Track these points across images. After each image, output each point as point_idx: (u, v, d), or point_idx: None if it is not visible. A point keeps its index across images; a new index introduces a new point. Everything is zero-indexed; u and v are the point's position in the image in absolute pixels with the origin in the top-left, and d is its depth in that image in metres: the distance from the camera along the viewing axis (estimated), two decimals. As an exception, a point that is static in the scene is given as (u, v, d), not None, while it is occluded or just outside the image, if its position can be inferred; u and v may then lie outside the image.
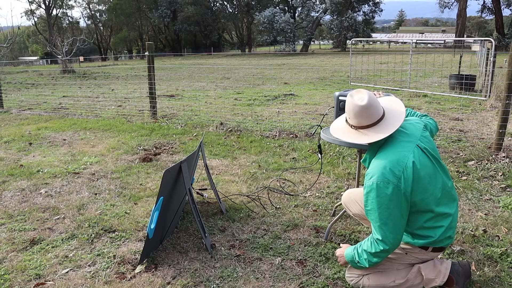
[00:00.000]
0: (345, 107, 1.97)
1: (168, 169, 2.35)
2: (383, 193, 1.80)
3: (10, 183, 3.93)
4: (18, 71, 24.49)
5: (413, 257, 2.04)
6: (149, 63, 6.58)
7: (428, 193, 1.87)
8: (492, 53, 8.10)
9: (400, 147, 1.87)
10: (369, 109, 1.89)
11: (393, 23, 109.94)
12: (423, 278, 2.03)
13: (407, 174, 1.81)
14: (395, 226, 1.83)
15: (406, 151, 1.85)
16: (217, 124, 6.16)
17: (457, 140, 5.12)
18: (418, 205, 1.87)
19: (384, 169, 1.81)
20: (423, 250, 1.98)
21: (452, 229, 1.96)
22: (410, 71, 11.15)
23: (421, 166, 1.85)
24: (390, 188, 1.79)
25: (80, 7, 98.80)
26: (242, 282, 2.29)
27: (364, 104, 1.88)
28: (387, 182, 1.79)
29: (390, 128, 1.90)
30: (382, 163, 1.83)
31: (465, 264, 2.07)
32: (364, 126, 1.92)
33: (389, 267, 2.08)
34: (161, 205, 2.38)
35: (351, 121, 1.96)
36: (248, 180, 3.90)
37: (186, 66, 22.69)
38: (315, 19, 45.42)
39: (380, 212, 1.82)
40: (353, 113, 1.92)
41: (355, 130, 1.95)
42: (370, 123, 1.91)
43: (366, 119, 1.91)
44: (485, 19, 57.02)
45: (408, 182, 1.81)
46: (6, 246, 2.72)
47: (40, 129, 6.35)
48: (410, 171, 1.81)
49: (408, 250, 2.02)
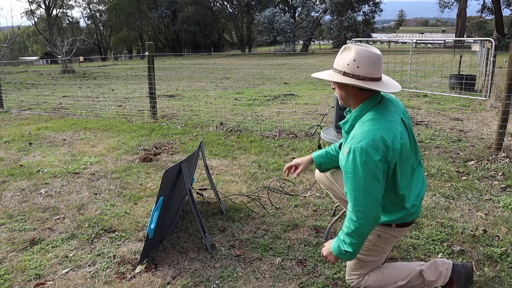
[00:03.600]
0: (356, 56, 1.76)
1: (168, 169, 2.35)
2: (371, 160, 1.69)
3: (10, 183, 3.93)
4: (18, 71, 24.49)
5: (385, 239, 1.97)
6: (149, 63, 6.58)
7: (402, 169, 1.80)
8: (492, 53, 8.09)
9: (390, 116, 1.78)
10: (382, 60, 1.77)
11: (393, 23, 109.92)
12: (424, 279, 2.03)
13: (396, 145, 1.73)
14: (374, 196, 1.73)
15: (395, 121, 1.77)
16: (217, 124, 6.16)
17: (457, 140, 5.12)
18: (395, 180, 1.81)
19: (375, 135, 1.70)
20: (388, 228, 1.93)
21: (412, 209, 1.90)
22: (410, 71, 11.14)
23: (404, 140, 1.78)
24: (378, 156, 1.69)
25: (80, 7, 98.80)
26: (242, 282, 2.29)
27: (379, 53, 1.75)
28: (376, 149, 1.69)
29: (394, 87, 1.79)
30: (374, 129, 1.72)
31: (468, 265, 2.06)
32: (374, 78, 1.76)
33: (377, 257, 2.03)
34: (161, 205, 2.38)
35: (362, 70, 1.75)
36: (248, 180, 3.90)
37: (186, 66, 22.69)
38: (315, 19, 45.42)
39: (364, 178, 1.71)
40: (368, 61, 1.74)
41: (363, 81, 1.76)
42: (380, 76, 1.79)
43: (378, 71, 1.77)
44: (485, 19, 57.02)
45: (395, 153, 1.73)
46: (6, 246, 2.72)
47: (40, 129, 6.35)
48: (398, 142, 1.73)
49: (378, 232, 1.96)
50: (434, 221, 2.97)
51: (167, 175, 2.35)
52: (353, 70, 1.76)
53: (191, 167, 2.88)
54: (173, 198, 2.63)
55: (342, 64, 1.80)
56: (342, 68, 1.79)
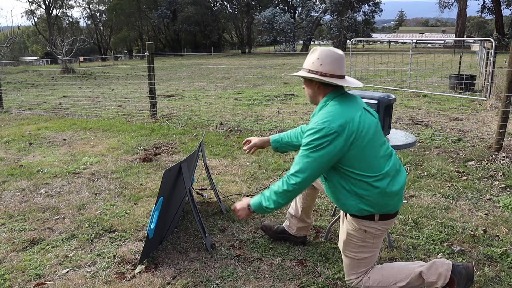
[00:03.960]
0: (319, 55, 2.00)
1: (168, 169, 2.35)
2: (325, 137, 1.88)
3: (10, 183, 3.93)
4: (18, 71, 24.50)
5: (372, 234, 2.02)
6: (149, 63, 6.58)
7: (367, 151, 1.93)
8: (492, 53, 8.10)
9: (350, 105, 1.97)
10: (344, 60, 2.02)
11: (393, 23, 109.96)
12: (424, 280, 2.03)
13: (352, 127, 1.89)
14: (316, 169, 1.92)
15: (355, 109, 1.97)
16: (217, 124, 6.16)
17: (457, 140, 5.12)
18: (355, 163, 1.93)
19: (332, 116, 1.90)
20: (372, 222, 1.99)
21: (391, 196, 1.96)
22: (410, 71, 11.15)
23: (363, 123, 1.93)
24: (332, 135, 1.87)
25: (80, 7, 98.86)
26: (242, 282, 2.29)
27: (342, 53, 2.01)
28: (331, 128, 1.88)
29: (356, 84, 2.04)
30: (332, 112, 1.92)
31: (469, 266, 2.06)
32: (336, 75, 1.99)
33: (370, 253, 2.08)
34: (161, 205, 2.38)
35: (324, 68, 1.98)
36: (248, 180, 3.90)
37: (186, 66, 22.70)
38: (315, 19, 45.41)
39: (314, 151, 1.90)
40: (330, 59, 1.98)
41: (325, 77, 1.99)
42: (342, 74, 2.01)
43: (340, 69, 2.00)
44: (485, 19, 57.03)
45: (351, 135, 1.89)
46: (6, 246, 2.72)
47: (40, 129, 6.35)
48: (356, 125, 1.90)
49: (364, 228, 2.01)
50: (434, 221, 2.97)
51: (167, 175, 2.35)
52: (317, 67, 2.00)
53: (191, 167, 2.88)
54: (173, 198, 2.63)
55: (308, 63, 2.05)
56: (308, 66, 2.04)
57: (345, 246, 2.11)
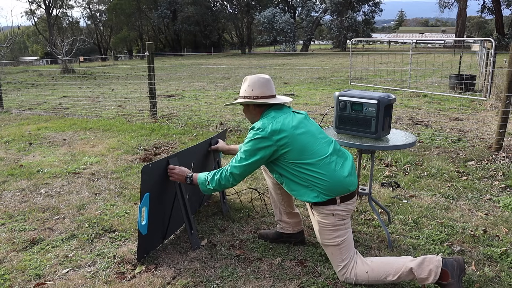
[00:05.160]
0: (249, 82, 2.37)
1: (147, 165, 2.37)
2: (259, 141, 2.20)
3: (10, 183, 3.93)
4: (18, 71, 24.50)
5: (340, 215, 2.21)
6: (149, 63, 6.58)
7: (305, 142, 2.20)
8: (492, 53, 8.10)
9: (282, 113, 2.29)
10: (271, 82, 2.39)
11: (393, 23, 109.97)
12: (415, 276, 2.07)
13: (286, 127, 2.19)
14: (249, 167, 2.26)
15: (286, 115, 2.28)
16: (217, 124, 6.16)
17: (457, 140, 5.12)
18: (300, 155, 2.18)
19: (263, 124, 2.22)
20: (335, 205, 2.19)
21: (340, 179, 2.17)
22: (410, 71, 11.15)
23: (296, 121, 2.25)
24: (265, 140, 2.19)
25: (80, 7, 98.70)
26: (242, 282, 2.29)
27: (268, 77, 2.38)
28: (264, 133, 2.19)
29: (285, 100, 2.39)
30: (266, 121, 2.25)
31: (458, 258, 2.10)
32: (266, 96, 2.35)
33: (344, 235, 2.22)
34: (148, 201, 2.39)
35: (255, 92, 2.35)
36: (248, 180, 3.90)
37: (186, 66, 22.70)
38: (315, 19, 45.42)
39: (251, 154, 2.23)
40: (259, 83, 2.35)
41: (257, 99, 2.34)
42: (272, 94, 2.38)
43: (269, 90, 2.36)
44: (485, 19, 57.04)
45: (282, 138, 2.18)
46: (6, 246, 2.72)
47: (40, 129, 6.35)
48: (287, 126, 2.20)
49: (330, 212, 2.20)
50: (434, 221, 2.97)
51: (146, 171, 2.35)
52: (250, 93, 2.37)
53: (191, 161, 2.85)
54: (167, 193, 2.62)
55: (242, 91, 2.43)
56: (243, 94, 2.42)
57: (321, 235, 2.25)
